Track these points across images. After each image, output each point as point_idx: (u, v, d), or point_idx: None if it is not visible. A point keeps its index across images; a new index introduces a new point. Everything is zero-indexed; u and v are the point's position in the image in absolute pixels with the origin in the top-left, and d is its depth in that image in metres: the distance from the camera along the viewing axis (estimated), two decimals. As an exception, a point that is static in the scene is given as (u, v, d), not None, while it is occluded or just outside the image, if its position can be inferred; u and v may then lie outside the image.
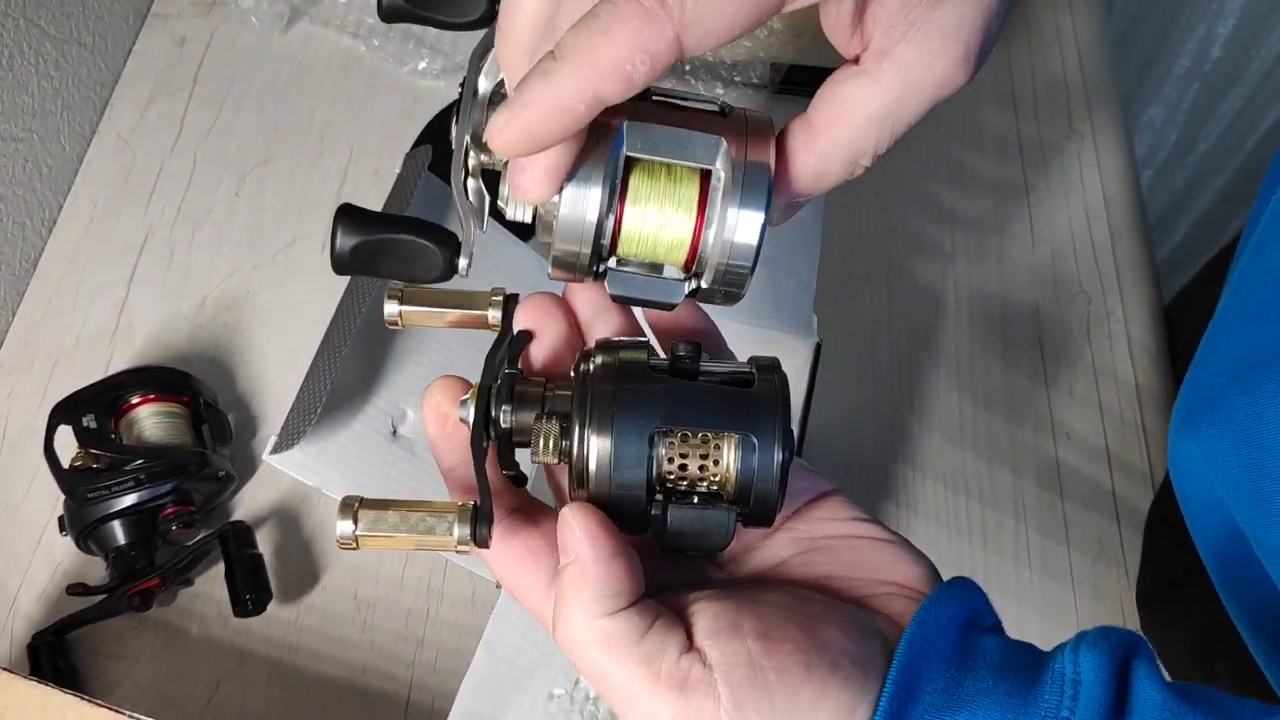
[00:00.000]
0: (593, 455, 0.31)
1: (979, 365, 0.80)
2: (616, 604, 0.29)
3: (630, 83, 0.28)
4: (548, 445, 0.32)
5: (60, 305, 0.78)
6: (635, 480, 0.31)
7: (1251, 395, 0.43)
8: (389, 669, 0.66)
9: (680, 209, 0.32)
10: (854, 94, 0.31)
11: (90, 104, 0.85)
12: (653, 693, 0.28)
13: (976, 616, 0.32)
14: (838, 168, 0.32)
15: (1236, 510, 0.46)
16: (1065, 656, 0.30)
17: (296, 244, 0.81)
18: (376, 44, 0.89)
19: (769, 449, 0.31)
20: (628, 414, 0.31)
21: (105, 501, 0.63)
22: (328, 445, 0.59)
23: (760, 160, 0.32)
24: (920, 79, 0.30)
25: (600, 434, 0.31)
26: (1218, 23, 1.28)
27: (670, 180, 0.32)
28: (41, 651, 0.63)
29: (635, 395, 0.31)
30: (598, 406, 0.31)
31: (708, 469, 0.32)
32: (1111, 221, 0.87)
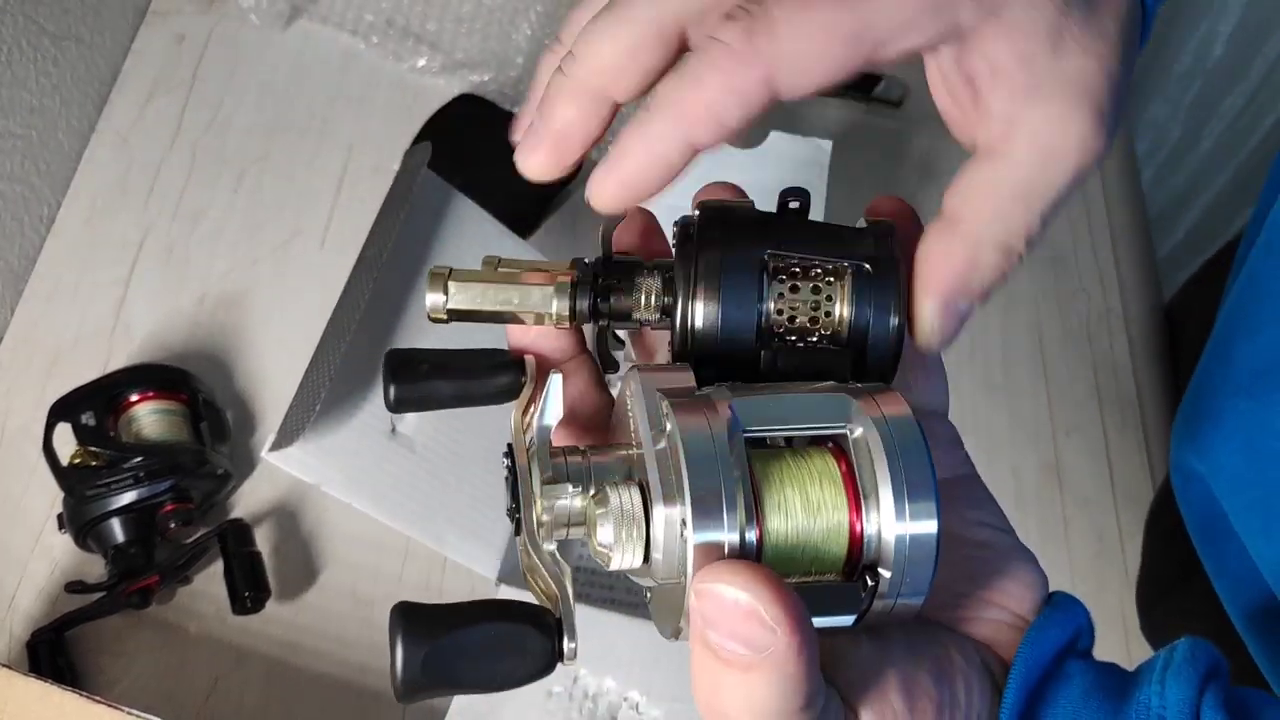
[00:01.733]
0: (700, 294, 0.28)
1: (979, 364, 0.80)
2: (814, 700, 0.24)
3: (721, 125, 0.27)
4: (649, 301, 0.30)
5: (59, 302, 0.78)
6: (745, 319, 0.28)
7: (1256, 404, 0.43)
8: (387, 666, 0.66)
9: (826, 489, 0.26)
10: (990, 174, 0.29)
11: (89, 101, 0.85)
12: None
13: (1077, 640, 0.31)
14: (990, 253, 0.29)
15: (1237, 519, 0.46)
16: (1152, 686, 0.29)
17: (295, 241, 0.81)
18: (376, 41, 0.89)
19: (885, 278, 0.29)
20: (736, 250, 0.29)
21: (104, 499, 0.62)
22: (326, 442, 0.58)
23: (900, 414, 0.26)
24: (1057, 145, 0.28)
25: (708, 265, 0.28)
26: (1220, 20, 1.28)
27: (803, 460, 0.27)
28: (40, 649, 0.63)
29: (744, 229, 0.29)
30: (703, 230, 0.29)
31: (818, 319, 0.29)
32: (1112, 220, 0.87)
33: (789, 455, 0.27)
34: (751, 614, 0.23)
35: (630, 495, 0.26)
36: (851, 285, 0.29)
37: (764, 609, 0.23)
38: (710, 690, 0.24)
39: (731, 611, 0.23)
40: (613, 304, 0.31)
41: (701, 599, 0.23)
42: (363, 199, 0.82)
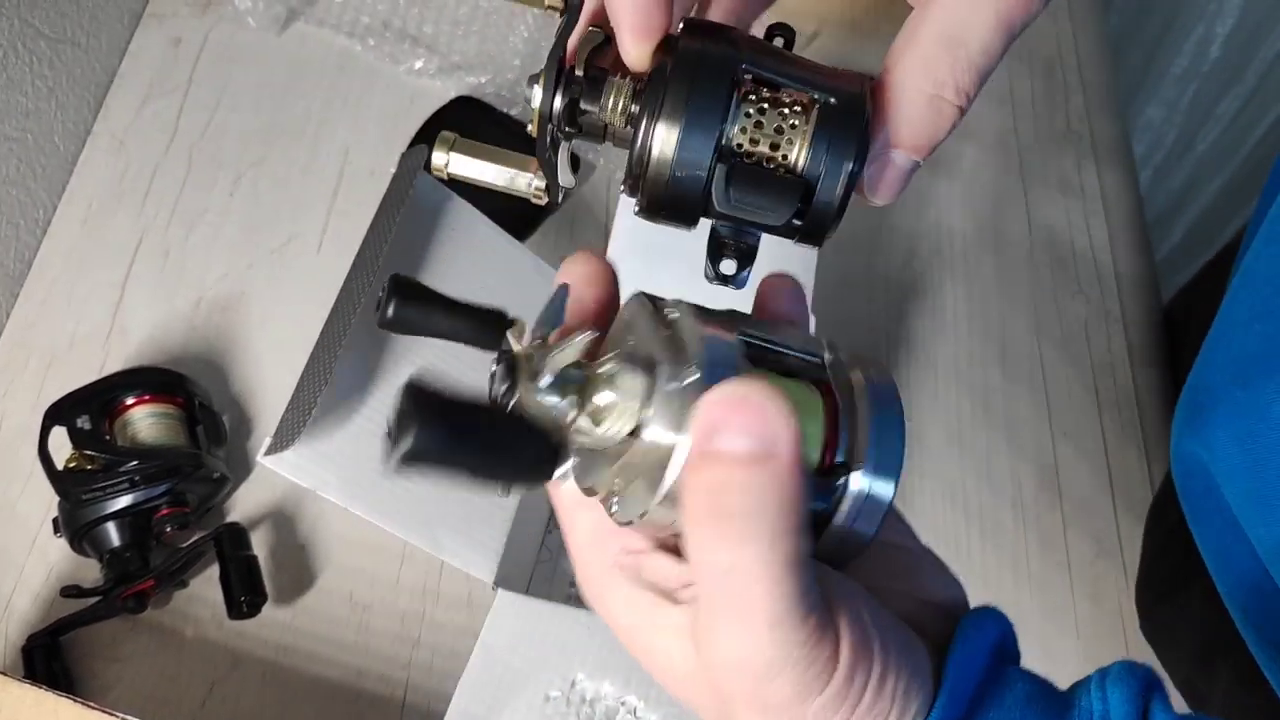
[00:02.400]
0: (669, 100, 0.29)
1: (977, 366, 0.80)
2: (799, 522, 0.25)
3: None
4: (618, 104, 0.31)
5: (55, 306, 0.78)
6: (708, 125, 0.29)
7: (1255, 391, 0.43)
8: (385, 671, 0.66)
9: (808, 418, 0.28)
10: (915, 20, 0.29)
11: (85, 104, 0.85)
12: (801, 628, 0.25)
13: (1004, 644, 0.31)
14: (915, 97, 0.30)
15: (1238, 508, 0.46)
16: (1091, 693, 0.29)
17: (291, 244, 0.81)
18: (372, 43, 0.89)
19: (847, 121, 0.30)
20: (714, 49, 0.30)
21: (99, 503, 0.62)
22: (323, 446, 0.58)
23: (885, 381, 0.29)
24: (999, 7, 0.28)
25: (682, 70, 0.29)
26: (1216, 22, 1.28)
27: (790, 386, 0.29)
28: (36, 653, 0.62)
29: (724, 37, 0.30)
30: (682, 43, 0.30)
31: (779, 149, 0.30)
32: (1110, 221, 0.87)
33: (777, 375, 0.29)
34: (763, 407, 0.24)
35: (635, 373, 0.27)
36: (815, 123, 0.30)
37: (775, 405, 0.24)
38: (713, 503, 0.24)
39: (743, 407, 0.24)
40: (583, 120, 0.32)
41: (715, 404, 0.24)
42: (359, 202, 0.82)
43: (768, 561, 0.24)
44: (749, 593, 0.24)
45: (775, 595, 0.24)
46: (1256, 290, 0.48)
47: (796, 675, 0.25)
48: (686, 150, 0.30)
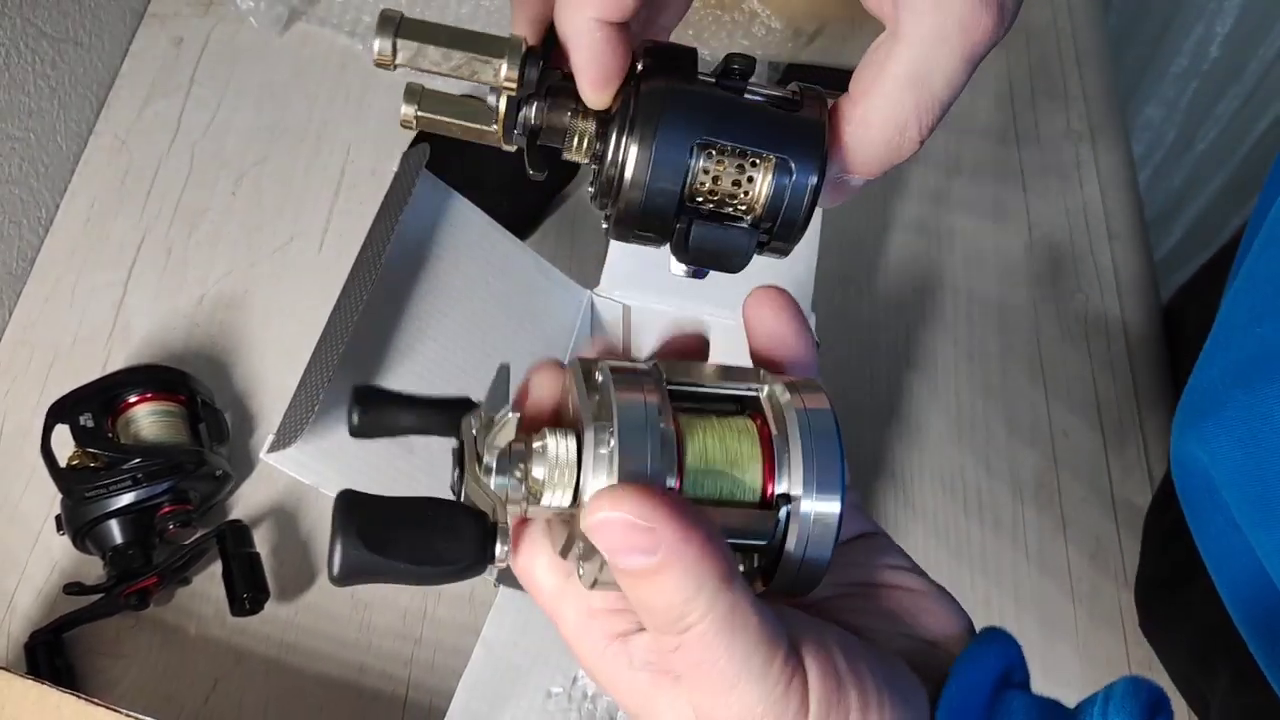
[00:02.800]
0: (632, 154, 0.30)
1: (977, 364, 0.80)
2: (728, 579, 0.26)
3: (620, 2, 0.29)
4: (581, 143, 0.32)
5: (57, 304, 0.78)
6: (671, 183, 0.30)
7: (1256, 394, 0.43)
8: (387, 668, 0.66)
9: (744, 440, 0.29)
10: (884, 55, 0.30)
11: (87, 103, 0.85)
12: (760, 687, 0.26)
13: (1010, 672, 0.31)
14: (879, 135, 0.31)
15: (1238, 510, 0.46)
16: (1094, 716, 0.29)
17: (293, 243, 0.81)
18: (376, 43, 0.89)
19: (805, 175, 0.31)
20: (674, 118, 0.30)
21: (102, 500, 0.62)
22: (325, 443, 0.58)
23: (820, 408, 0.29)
24: (942, 26, 0.29)
25: (644, 130, 0.30)
26: (1216, 22, 1.28)
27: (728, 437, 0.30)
28: (39, 650, 0.63)
29: (684, 100, 0.30)
30: (645, 103, 0.30)
31: (740, 187, 0.31)
32: (1109, 220, 0.87)
33: (713, 416, 0.30)
34: (630, 525, 0.25)
35: (567, 442, 0.28)
36: (776, 169, 0.31)
37: (638, 517, 0.25)
38: (643, 606, 0.27)
39: (616, 531, 0.25)
40: (549, 113, 0.33)
41: (593, 533, 0.26)
42: (361, 200, 0.83)
43: (705, 634, 0.26)
44: (703, 662, 0.26)
45: (728, 659, 0.26)
46: (1257, 292, 0.48)
47: None
48: (654, 199, 0.31)
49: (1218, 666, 0.61)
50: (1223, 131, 1.38)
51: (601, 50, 0.30)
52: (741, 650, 0.26)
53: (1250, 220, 0.57)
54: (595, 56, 0.30)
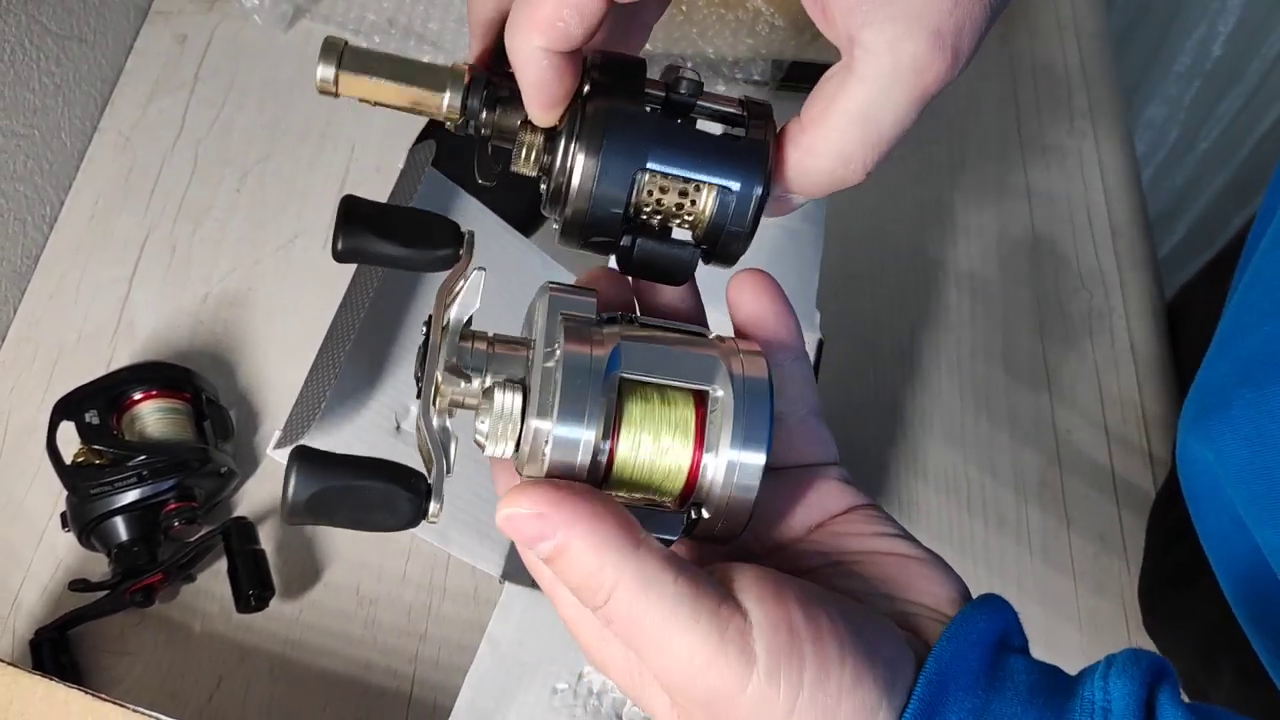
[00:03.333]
0: (577, 173, 0.31)
1: (980, 363, 0.80)
2: (632, 543, 0.28)
3: (568, 35, 0.30)
4: (529, 157, 0.33)
5: (62, 301, 0.78)
6: (615, 205, 0.31)
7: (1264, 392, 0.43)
8: (392, 664, 0.66)
9: (677, 436, 0.31)
10: (835, 88, 0.30)
11: (91, 100, 0.85)
12: (690, 637, 0.27)
13: (1007, 636, 0.31)
14: (824, 165, 0.32)
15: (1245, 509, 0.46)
16: (1095, 684, 0.29)
17: (298, 240, 0.81)
18: (378, 41, 0.89)
19: (746, 197, 0.32)
20: (617, 142, 0.31)
21: (107, 498, 0.63)
22: (332, 441, 0.58)
23: (758, 379, 0.31)
24: (896, 67, 0.29)
25: (588, 155, 0.31)
26: (1219, 21, 1.28)
27: (665, 404, 0.31)
28: (44, 647, 0.63)
29: (627, 127, 0.31)
30: (589, 128, 0.31)
31: (684, 206, 0.32)
32: (1113, 219, 0.87)
33: (659, 399, 0.31)
34: (524, 519, 0.28)
35: (512, 399, 0.30)
36: (718, 189, 0.32)
37: (525, 510, 0.28)
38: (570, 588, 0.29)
39: (518, 524, 0.28)
40: (498, 120, 0.33)
41: (503, 531, 0.29)
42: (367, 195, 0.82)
43: (621, 600, 0.28)
44: (631, 628, 0.28)
45: (652, 618, 0.27)
46: (1266, 291, 0.48)
47: (713, 676, 0.27)
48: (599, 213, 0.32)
49: (1221, 664, 0.61)
50: (1225, 130, 1.38)
51: (547, 78, 0.31)
52: (663, 607, 0.27)
53: (1256, 219, 0.57)
54: (541, 83, 0.31)
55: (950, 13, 0.29)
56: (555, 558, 0.28)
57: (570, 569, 0.28)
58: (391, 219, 0.34)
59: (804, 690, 0.27)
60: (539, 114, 0.32)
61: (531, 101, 0.32)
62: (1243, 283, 0.51)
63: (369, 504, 0.29)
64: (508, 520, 0.28)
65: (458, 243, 0.34)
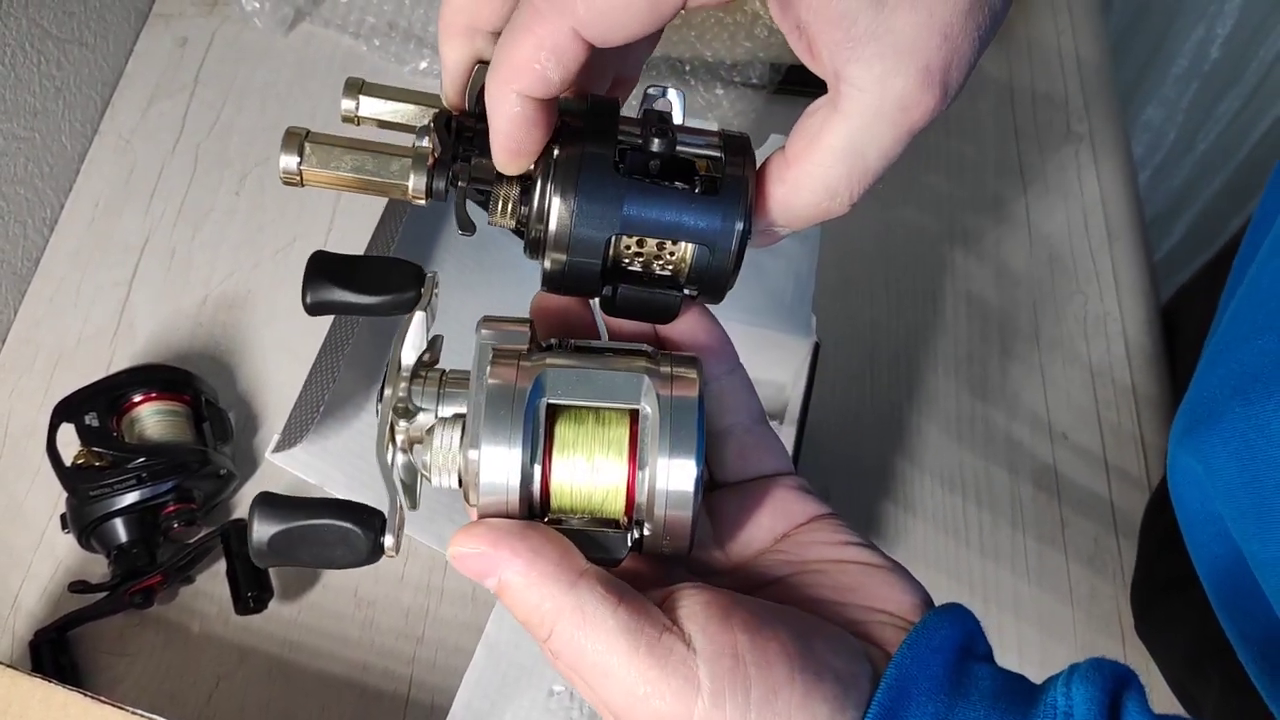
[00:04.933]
0: (553, 224, 0.31)
1: (976, 366, 0.80)
2: (570, 578, 0.29)
3: (546, 80, 0.29)
4: (505, 209, 0.33)
5: (62, 304, 0.78)
6: (591, 258, 0.32)
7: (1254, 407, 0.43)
8: (389, 666, 0.66)
9: (610, 455, 0.31)
10: (820, 123, 0.30)
11: (92, 103, 0.85)
12: (631, 667, 0.28)
13: (970, 643, 0.31)
14: (810, 200, 0.31)
15: (1233, 523, 0.46)
16: (1058, 689, 0.30)
17: (297, 243, 0.81)
18: (378, 44, 0.90)
19: (726, 242, 0.32)
20: (589, 204, 0.31)
21: (107, 499, 0.63)
22: (330, 443, 0.59)
23: (686, 396, 0.31)
24: (882, 104, 0.29)
25: (562, 211, 0.31)
26: (1216, 23, 1.29)
27: (599, 425, 0.32)
28: (43, 648, 0.63)
29: (598, 192, 0.31)
30: (560, 183, 0.31)
31: (664, 252, 0.33)
32: (1109, 222, 0.87)
33: (593, 421, 0.32)
34: (468, 558, 0.30)
35: (450, 433, 0.32)
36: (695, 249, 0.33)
37: (470, 549, 0.30)
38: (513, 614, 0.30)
39: (465, 563, 0.30)
40: (473, 171, 0.33)
41: (454, 566, 0.30)
42: (364, 201, 0.83)
43: (562, 633, 0.29)
44: (575, 660, 0.29)
45: (593, 650, 0.28)
46: (1259, 304, 0.48)
47: (657, 704, 0.28)
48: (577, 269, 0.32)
49: (1209, 672, 0.61)
50: (1223, 133, 1.38)
51: (518, 127, 0.30)
52: (602, 640, 0.28)
53: (1249, 229, 0.57)
54: (511, 132, 0.30)
55: (939, 48, 0.28)
56: (500, 593, 0.30)
57: (514, 605, 0.29)
58: (355, 270, 0.34)
59: (751, 712, 0.27)
60: (505, 162, 0.32)
61: (499, 149, 0.31)
62: (1236, 296, 0.51)
63: (327, 542, 0.31)
64: (455, 559, 0.30)
65: (419, 284, 0.35)
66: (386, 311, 0.35)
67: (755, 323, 0.63)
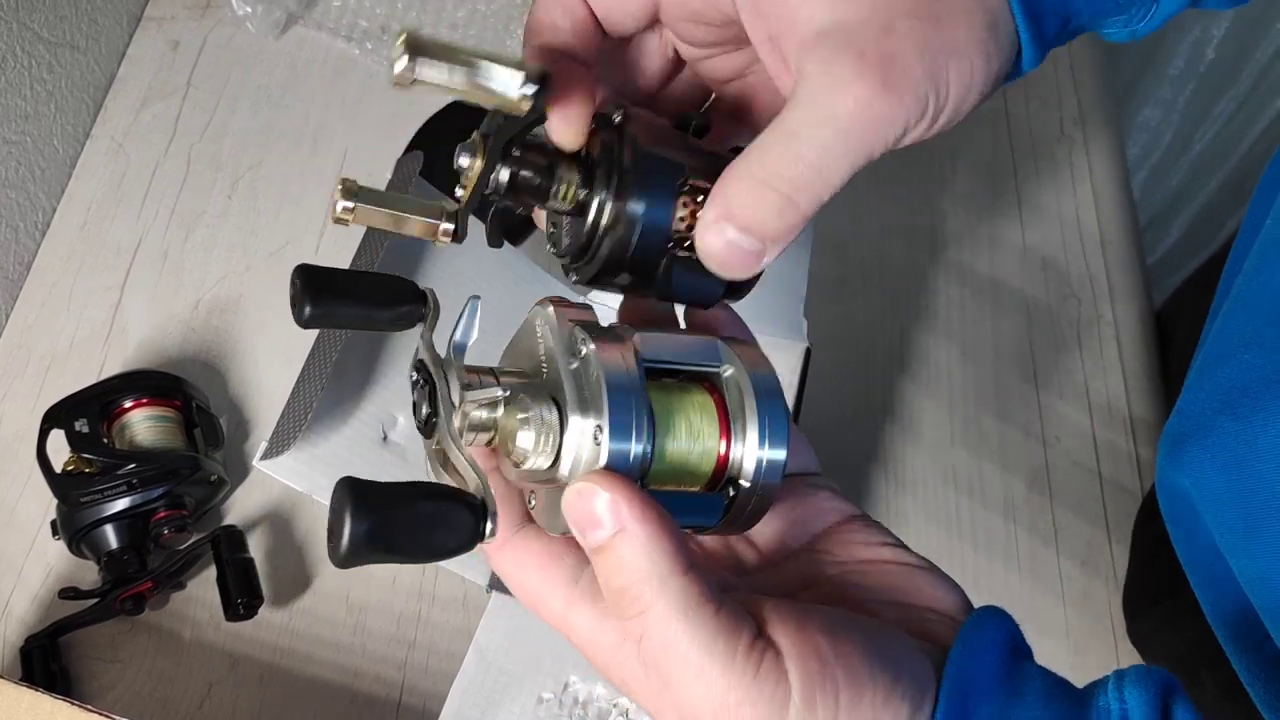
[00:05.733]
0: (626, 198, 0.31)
1: (970, 369, 0.80)
2: (683, 566, 0.28)
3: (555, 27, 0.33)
4: (567, 193, 0.33)
5: (53, 308, 0.78)
6: (662, 226, 0.32)
7: (1242, 421, 0.43)
8: (380, 672, 0.66)
9: (705, 419, 0.32)
10: (784, 129, 0.30)
11: (84, 107, 0.85)
12: (726, 674, 0.27)
13: (1017, 641, 0.32)
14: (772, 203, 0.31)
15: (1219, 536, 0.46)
16: (1109, 693, 0.30)
17: (289, 247, 0.81)
18: (370, 47, 0.90)
19: None
20: (660, 158, 0.32)
21: (97, 506, 0.63)
22: (318, 451, 0.59)
23: (760, 361, 0.32)
24: (841, 113, 0.29)
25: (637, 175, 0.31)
26: (1212, 24, 1.29)
27: (684, 392, 0.32)
28: (34, 655, 0.63)
29: (666, 142, 0.32)
30: (630, 150, 0.32)
31: None
32: (1102, 225, 0.87)
33: (676, 388, 0.32)
34: (595, 498, 0.28)
35: (552, 410, 0.31)
36: None
37: (601, 490, 0.28)
38: (606, 580, 0.29)
39: (588, 502, 0.28)
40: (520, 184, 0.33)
41: (567, 510, 0.29)
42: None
43: (662, 617, 0.27)
44: (667, 649, 0.27)
45: (690, 644, 0.27)
46: (1247, 319, 0.48)
47: (748, 712, 0.27)
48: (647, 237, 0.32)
49: (1203, 677, 0.61)
50: (1219, 133, 1.38)
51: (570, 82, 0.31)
52: (703, 636, 0.27)
53: (1238, 238, 0.57)
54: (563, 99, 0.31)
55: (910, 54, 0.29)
56: (604, 550, 0.28)
57: (617, 568, 0.28)
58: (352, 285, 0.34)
59: (840, 713, 0.27)
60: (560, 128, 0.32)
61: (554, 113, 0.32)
62: (1223, 309, 0.51)
63: (427, 526, 0.28)
64: (579, 495, 0.28)
65: (417, 300, 0.35)
66: (385, 326, 0.35)
67: (746, 328, 0.63)
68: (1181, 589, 0.56)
